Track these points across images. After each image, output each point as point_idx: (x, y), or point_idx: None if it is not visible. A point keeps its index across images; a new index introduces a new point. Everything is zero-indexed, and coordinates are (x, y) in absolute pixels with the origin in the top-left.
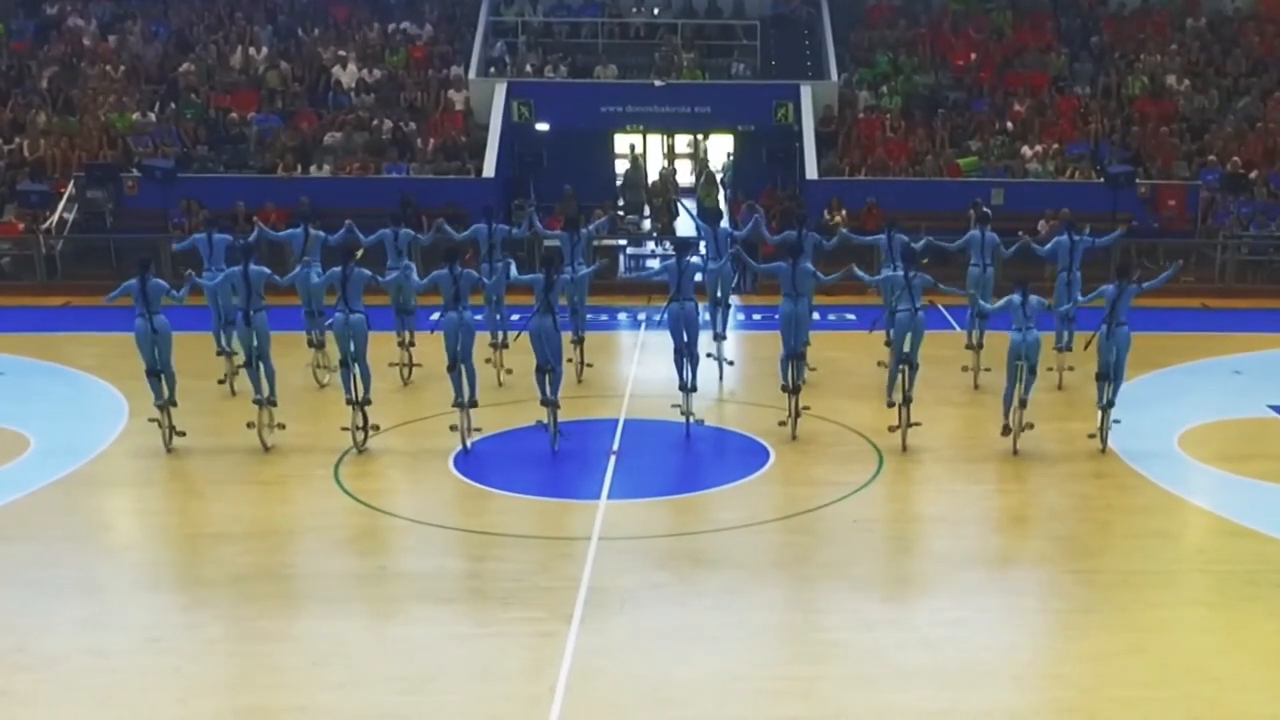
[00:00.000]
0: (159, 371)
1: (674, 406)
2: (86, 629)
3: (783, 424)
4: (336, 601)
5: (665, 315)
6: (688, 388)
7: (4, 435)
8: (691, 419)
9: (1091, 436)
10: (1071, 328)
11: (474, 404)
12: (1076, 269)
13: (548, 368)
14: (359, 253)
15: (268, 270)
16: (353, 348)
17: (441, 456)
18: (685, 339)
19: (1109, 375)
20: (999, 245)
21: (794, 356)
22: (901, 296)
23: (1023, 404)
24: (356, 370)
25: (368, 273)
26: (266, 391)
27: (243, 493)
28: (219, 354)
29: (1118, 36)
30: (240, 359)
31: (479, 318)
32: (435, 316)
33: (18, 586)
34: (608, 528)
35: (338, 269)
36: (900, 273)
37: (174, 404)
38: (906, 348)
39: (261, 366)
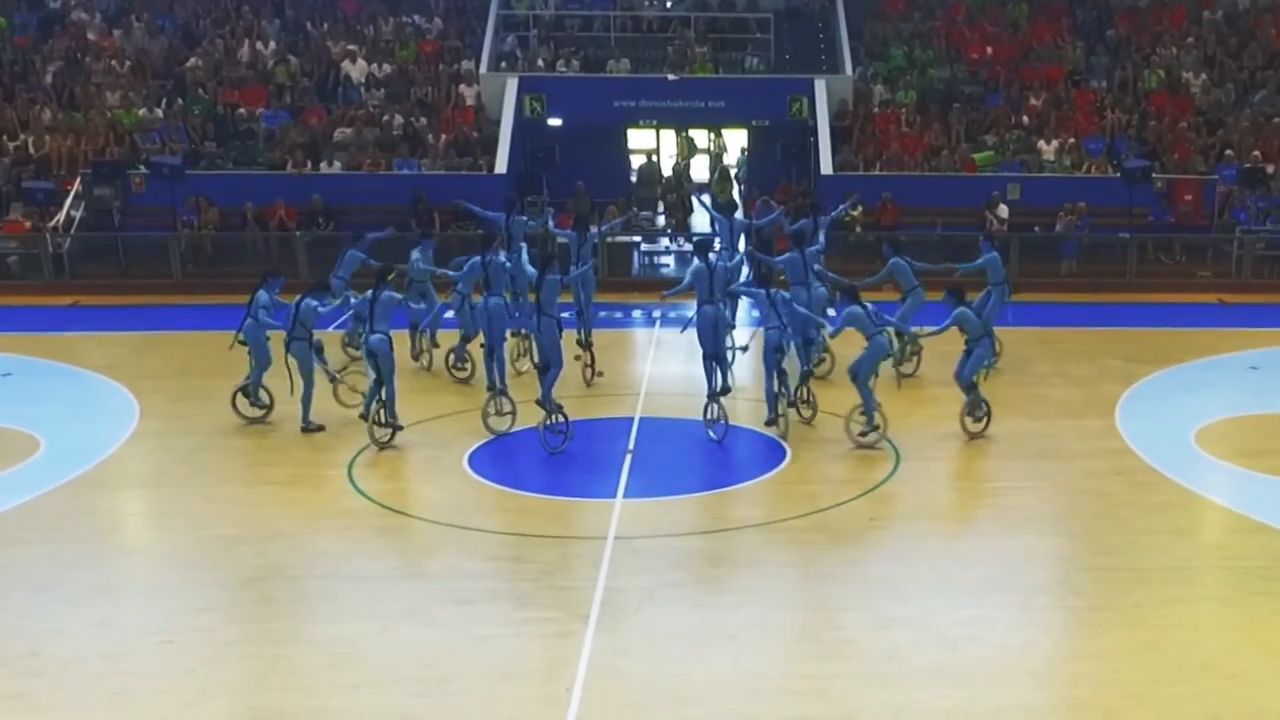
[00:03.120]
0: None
1: (705, 422)
2: (99, 632)
3: (801, 402)
4: (351, 603)
5: (696, 319)
6: (718, 393)
7: (14, 436)
8: (723, 424)
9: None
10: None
11: (503, 391)
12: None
13: (541, 366)
14: (390, 275)
15: (315, 304)
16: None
17: (455, 456)
18: (713, 343)
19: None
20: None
21: (808, 342)
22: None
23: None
24: (381, 390)
25: (398, 295)
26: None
27: (255, 494)
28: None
29: (1134, 30)
30: None
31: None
32: (449, 315)
33: (30, 589)
34: (624, 527)
35: (368, 292)
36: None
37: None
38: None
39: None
